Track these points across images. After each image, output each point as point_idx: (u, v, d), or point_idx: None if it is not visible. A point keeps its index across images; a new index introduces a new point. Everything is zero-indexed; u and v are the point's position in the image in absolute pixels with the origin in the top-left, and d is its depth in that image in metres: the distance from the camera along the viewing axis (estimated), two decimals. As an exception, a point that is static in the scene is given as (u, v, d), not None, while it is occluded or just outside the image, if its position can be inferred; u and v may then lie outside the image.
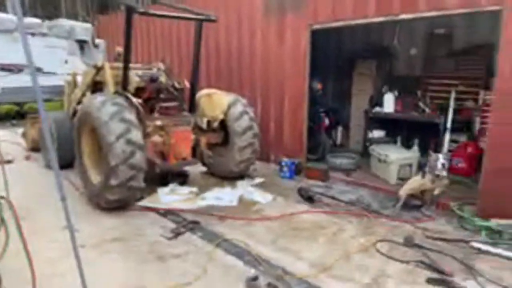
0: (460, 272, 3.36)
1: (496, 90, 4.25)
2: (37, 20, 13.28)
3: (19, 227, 2.88)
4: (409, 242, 3.84)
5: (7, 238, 2.86)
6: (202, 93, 5.97)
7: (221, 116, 5.63)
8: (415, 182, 4.83)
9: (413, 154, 6.04)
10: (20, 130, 9.11)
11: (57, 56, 13.10)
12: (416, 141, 6.62)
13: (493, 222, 4.10)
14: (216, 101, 5.72)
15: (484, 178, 4.41)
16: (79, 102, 6.28)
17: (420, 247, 3.77)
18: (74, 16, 27.91)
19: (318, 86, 6.79)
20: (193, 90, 5.90)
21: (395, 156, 5.78)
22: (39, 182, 6.01)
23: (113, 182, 4.34)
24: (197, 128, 5.73)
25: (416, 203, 4.84)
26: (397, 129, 7.04)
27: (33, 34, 12.47)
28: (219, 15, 6.50)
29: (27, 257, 2.86)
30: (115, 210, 4.69)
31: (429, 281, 3.21)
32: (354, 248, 3.84)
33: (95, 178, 4.79)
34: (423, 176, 4.69)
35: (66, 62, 13.02)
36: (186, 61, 8.06)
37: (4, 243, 2.87)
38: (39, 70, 12.85)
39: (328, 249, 3.83)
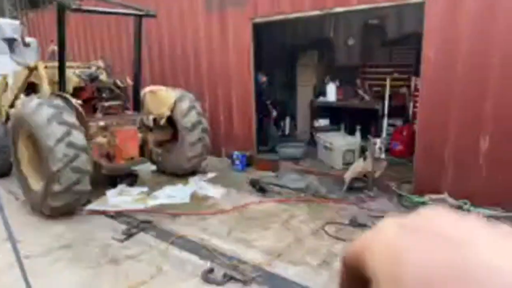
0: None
1: (423, 76, 4.64)
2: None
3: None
4: (354, 222, 4.11)
5: None
6: (146, 90, 5.86)
7: (167, 113, 5.56)
8: (358, 166, 5.15)
9: (355, 140, 6.40)
10: None
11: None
12: (358, 127, 7.03)
13: (427, 198, 4.51)
14: (161, 98, 5.64)
15: (416, 157, 4.83)
16: (11, 106, 5.86)
17: (364, 226, 4.05)
18: (1, 13, 25.62)
19: (263, 78, 6.92)
20: (137, 87, 5.76)
21: (339, 143, 6.09)
22: (-29, 194, 5.54)
23: (56, 188, 4.14)
24: (144, 126, 5.62)
25: (359, 185, 5.16)
26: (340, 117, 7.41)
27: None
28: (160, 11, 6.38)
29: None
30: (61, 217, 4.48)
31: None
32: (305, 232, 4.04)
33: (36, 185, 4.53)
34: (365, 160, 5.01)
35: (-7, 62, 11.97)
36: (127, 58, 7.80)
37: None
38: (-40, 72, 11.72)
39: (280, 236, 3.99)
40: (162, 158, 5.92)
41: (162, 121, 5.63)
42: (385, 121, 6.44)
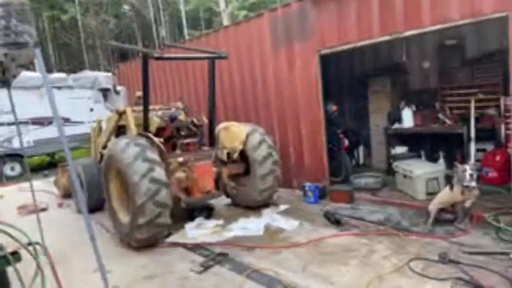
0: (501, 286, 3.19)
1: (514, 94, 4.18)
2: (62, 75, 14.21)
3: (54, 272, 3.00)
4: (444, 259, 3.69)
5: (43, 282, 2.96)
6: (220, 126, 6.14)
7: (240, 147, 5.74)
8: (445, 196, 4.70)
9: (438, 167, 5.91)
10: (52, 179, 9.54)
11: (83, 105, 13.87)
12: (441, 153, 6.50)
13: (532, 230, 3.91)
14: (234, 133, 5.86)
15: (516, 185, 4.25)
16: (104, 147, 6.58)
17: (456, 263, 3.62)
18: (96, 67, 29.61)
19: (333, 108, 6.85)
20: (212, 124, 6.08)
21: (421, 170, 5.66)
22: (71, 227, 6.21)
23: (141, 220, 4.45)
24: (218, 161, 5.85)
25: (448, 217, 4.68)
26: (420, 144, 6.95)
27: (59, 88, 13.29)
28: (231, 51, 6.80)
29: (63, 301, 2.96)
30: (145, 248, 4.77)
31: (470, 297, 3.07)
32: (387, 268, 3.72)
33: (124, 218, 4.92)
34: (452, 189, 4.57)
35: (91, 110, 13.72)
36: (203, 98, 8.35)
37: (41, 288, 2.97)
38: (67, 120, 13.59)
39: (360, 272, 3.73)
40: (236, 191, 6.05)
41: (235, 155, 5.82)
42: (473, 146, 5.86)
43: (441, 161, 6.34)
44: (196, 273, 4.03)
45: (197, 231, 5.21)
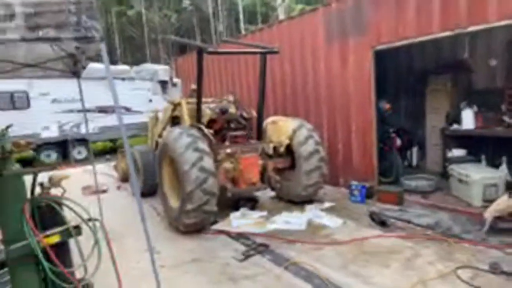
0: (560, 304, 2.95)
1: None
2: (126, 67, 15.19)
3: (110, 249, 3.31)
4: (495, 269, 3.48)
5: (99, 255, 3.27)
6: (268, 120, 6.25)
7: (286, 141, 5.79)
8: (503, 203, 4.38)
9: (499, 173, 5.49)
10: (113, 164, 10.31)
11: (143, 96, 14.76)
12: (504, 159, 6.03)
13: None
14: (281, 127, 5.93)
15: None
16: (160, 136, 6.99)
17: (509, 274, 3.39)
18: (157, 60, 31.18)
19: (386, 106, 6.62)
20: (260, 118, 6.19)
21: (479, 175, 5.31)
22: (127, 208, 6.69)
23: (189, 206, 4.71)
24: (265, 154, 5.96)
25: (504, 226, 4.36)
26: (480, 147, 6.48)
27: (123, 79, 14.26)
28: (283, 46, 6.84)
29: (117, 276, 3.25)
30: (192, 233, 5.04)
31: (521, 312, 2.88)
32: (431, 274, 3.59)
33: (174, 203, 5.23)
34: (511, 196, 4.25)
35: (150, 101, 14.54)
36: (253, 92, 8.50)
37: (97, 262, 3.28)
38: (127, 109, 14.55)
39: (402, 275, 3.64)
40: (280, 185, 6.13)
41: (281, 149, 5.89)
42: (542, 152, 5.37)
43: (504, 166, 5.87)
44: (237, 261, 4.20)
45: (241, 220, 5.38)
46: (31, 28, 2.13)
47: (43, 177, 3.22)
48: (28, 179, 3.12)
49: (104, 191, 7.64)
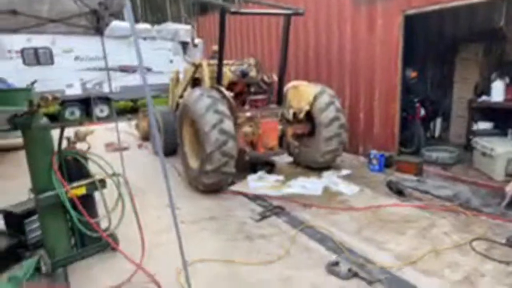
0: None
1: None
2: (147, 26, 15.00)
3: (133, 203, 3.45)
4: (512, 243, 3.47)
5: (123, 207, 3.43)
6: (289, 85, 6.15)
7: (306, 107, 5.72)
8: (526, 179, 4.29)
9: (526, 147, 5.33)
10: (134, 123, 10.51)
11: (164, 57, 14.69)
12: (532, 133, 5.83)
13: None
14: (302, 93, 5.84)
15: None
16: (181, 97, 7.02)
17: (526, 249, 3.39)
18: (178, 19, 30.65)
19: (412, 74, 6.40)
20: (281, 83, 6.11)
21: (503, 149, 5.17)
22: (148, 166, 6.91)
23: (208, 167, 4.80)
24: (284, 120, 5.93)
25: (526, 202, 4.30)
26: (508, 121, 6.25)
27: (144, 38, 14.16)
28: (308, 7, 6.59)
29: (139, 229, 3.41)
30: (210, 193, 5.18)
31: (534, 285, 2.89)
32: (446, 244, 3.62)
33: (194, 164, 5.33)
34: (536, 172, 4.14)
35: (171, 62, 14.48)
36: (275, 55, 8.32)
37: (120, 214, 3.44)
38: (149, 70, 14.57)
39: (416, 243, 3.68)
40: (299, 151, 6.14)
41: (301, 115, 5.83)
42: None
43: (531, 141, 5.69)
44: (253, 221, 4.32)
45: (258, 183, 5.47)
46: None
47: (68, 132, 3.33)
48: (55, 133, 3.23)
49: (125, 148, 7.84)
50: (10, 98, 5.84)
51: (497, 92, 6.18)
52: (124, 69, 13.87)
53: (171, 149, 7.23)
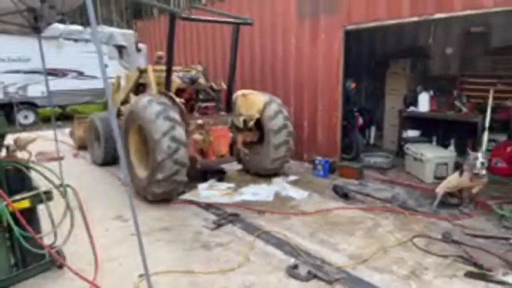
0: (500, 267, 3.37)
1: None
2: (79, 27, 14.06)
3: (83, 215, 3.21)
4: (447, 238, 3.88)
5: (72, 219, 3.17)
6: (238, 93, 6.22)
7: (257, 115, 5.83)
8: (453, 180, 4.82)
9: (449, 153, 6.01)
10: (66, 130, 9.75)
11: (97, 60, 13.84)
12: (453, 140, 6.58)
13: (535, 220, 4.05)
14: (252, 101, 5.94)
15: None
16: (122, 103, 6.70)
17: (458, 243, 3.80)
18: (109, 22, 29.19)
19: (352, 85, 6.86)
20: (230, 90, 6.15)
21: (431, 154, 5.77)
22: (87, 177, 6.46)
23: (159, 176, 4.64)
24: (234, 127, 5.96)
25: (453, 201, 4.83)
26: (432, 129, 7.00)
27: (75, 40, 13.26)
28: (254, 18, 6.74)
29: (91, 243, 3.18)
30: (160, 203, 5.00)
31: (468, 275, 3.26)
32: (391, 242, 3.92)
33: (142, 173, 5.11)
34: (461, 174, 4.69)
35: (106, 66, 13.69)
36: (221, 63, 8.36)
37: (69, 228, 3.18)
38: (81, 74, 13.66)
39: (365, 243, 3.93)
40: (248, 158, 6.21)
41: (251, 123, 5.92)
42: (486, 136, 5.91)
43: (452, 147, 6.42)
44: (209, 229, 4.26)
45: (209, 191, 5.42)
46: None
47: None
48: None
49: (61, 158, 7.22)
50: None
51: (423, 103, 6.90)
52: (53, 73, 12.82)
53: (112, 158, 6.85)
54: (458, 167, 5.22)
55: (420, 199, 5.13)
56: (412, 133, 7.09)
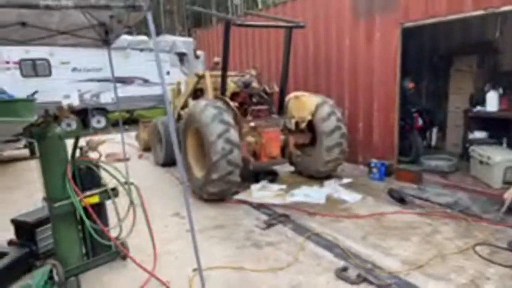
0: None
1: None
2: (144, 37, 15.14)
3: (145, 210, 3.50)
4: (514, 247, 3.58)
5: (135, 214, 3.47)
6: (290, 95, 6.29)
7: (308, 117, 5.85)
8: (524, 186, 4.43)
9: (521, 156, 5.49)
10: (132, 134, 10.54)
11: (161, 68, 14.77)
12: (526, 142, 6.01)
13: None
14: (304, 103, 5.97)
15: None
16: (182, 107, 7.10)
17: (527, 253, 3.49)
18: (172, 31, 30.92)
19: (410, 85, 6.58)
20: (282, 93, 6.24)
21: (500, 157, 5.32)
22: (150, 176, 6.95)
23: (214, 176, 4.87)
24: (286, 129, 6.03)
25: (524, 208, 4.43)
26: (502, 130, 6.43)
27: (141, 50, 14.28)
28: (307, 21, 6.77)
29: (151, 237, 3.46)
30: (214, 202, 5.24)
31: (538, 287, 2.99)
32: (450, 249, 3.71)
33: (198, 173, 5.40)
34: (533, 179, 4.29)
35: (168, 73, 14.58)
36: (275, 67, 8.48)
37: (132, 222, 3.48)
38: (146, 81, 14.67)
39: (421, 249, 3.77)
40: (300, 160, 6.25)
41: (303, 125, 5.95)
42: None
43: (525, 150, 5.87)
44: (260, 229, 4.38)
45: (262, 192, 5.55)
46: (84, -5, 2.20)
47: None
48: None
49: (127, 159, 7.85)
50: (13, 108, 5.86)
51: (491, 102, 6.37)
52: (121, 80, 13.92)
53: (172, 159, 7.27)
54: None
55: (486, 205, 4.76)
56: (479, 134, 6.57)
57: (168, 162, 7.35)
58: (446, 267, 3.40)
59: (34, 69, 12.34)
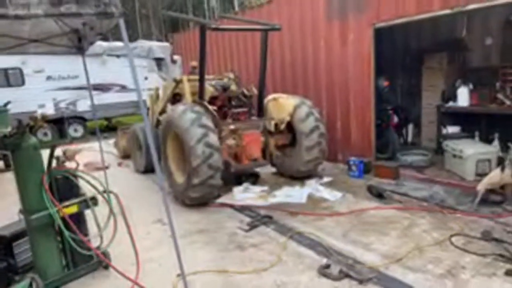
0: (545, 267, 3.20)
1: None
2: (121, 44, 14.91)
3: (125, 219, 3.47)
4: (487, 236, 3.73)
5: (115, 222, 3.43)
6: (269, 98, 6.35)
7: (287, 118, 5.92)
8: (495, 176, 4.61)
9: (492, 148, 5.72)
10: (111, 141, 10.37)
11: (138, 74, 14.56)
12: (496, 135, 6.25)
13: None
14: (282, 104, 6.04)
15: None
16: (161, 113, 7.05)
17: (499, 241, 3.65)
18: (149, 36, 30.61)
19: (384, 83, 6.75)
20: (261, 96, 6.28)
21: (472, 150, 5.53)
22: (130, 184, 6.86)
23: (195, 181, 4.86)
24: (266, 131, 6.08)
25: (496, 198, 4.62)
26: (474, 124, 6.69)
27: (118, 56, 14.07)
28: (283, 23, 6.86)
29: (133, 245, 3.43)
30: (197, 207, 5.23)
31: (509, 273, 3.12)
32: (427, 241, 3.84)
33: (180, 178, 5.38)
34: (503, 170, 4.48)
35: (146, 78, 14.43)
36: (252, 69, 8.54)
37: (113, 231, 3.45)
38: (123, 87, 14.46)
39: (400, 242, 3.88)
40: (281, 161, 6.31)
41: (282, 126, 6.02)
42: (532, 129, 5.60)
43: (496, 142, 6.10)
44: (243, 231, 4.40)
45: (244, 194, 5.57)
46: (54, 3, 2.18)
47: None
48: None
49: (106, 167, 7.72)
50: (-15, 120, 5.69)
51: (463, 97, 6.62)
52: (98, 88, 13.68)
53: (153, 166, 7.20)
54: (501, 162, 4.99)
55: (460, 197, 4.94)
56: (451, 129, 6.81)
57: (149, 169, 7.28)
58: (423, 258, 3.51)
59: (6, 78, 11.97)
